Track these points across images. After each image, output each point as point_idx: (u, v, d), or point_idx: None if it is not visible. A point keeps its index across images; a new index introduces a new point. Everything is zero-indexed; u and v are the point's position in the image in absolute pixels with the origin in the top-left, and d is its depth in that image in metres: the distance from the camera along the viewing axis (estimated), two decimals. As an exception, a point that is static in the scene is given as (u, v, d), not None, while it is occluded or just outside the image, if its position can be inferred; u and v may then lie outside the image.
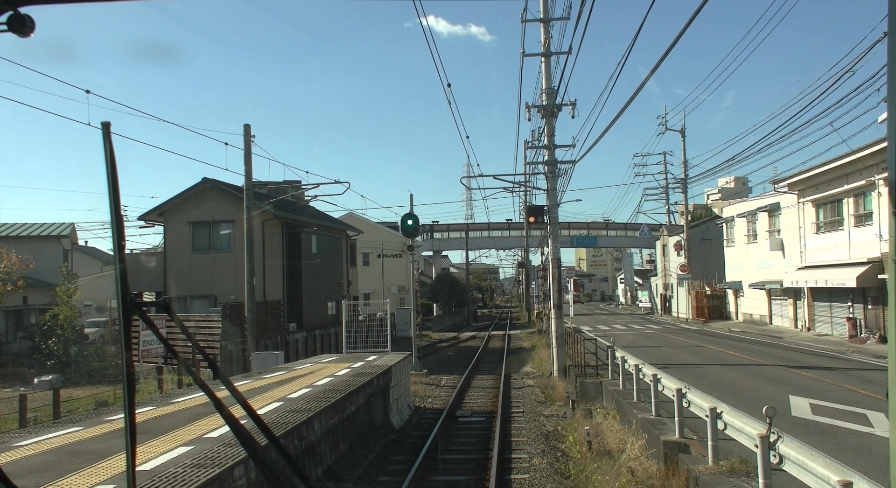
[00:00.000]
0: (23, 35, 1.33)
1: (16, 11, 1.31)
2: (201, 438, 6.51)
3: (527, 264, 68.13)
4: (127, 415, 1.44)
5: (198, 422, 7.46)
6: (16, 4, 1.31)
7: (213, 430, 6.86)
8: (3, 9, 1.31)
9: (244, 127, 21.27)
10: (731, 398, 11.85)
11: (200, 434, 6.74)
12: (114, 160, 1.41)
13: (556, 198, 20.68)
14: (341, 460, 9.74)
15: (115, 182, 1.42)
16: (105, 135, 1.42)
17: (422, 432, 13.16)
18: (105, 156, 1.41)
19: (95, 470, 5.25)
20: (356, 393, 10.17)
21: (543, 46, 19.94)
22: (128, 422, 1.43)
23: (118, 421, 7.57)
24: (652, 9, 10.34)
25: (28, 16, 1.32)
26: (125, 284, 1.43)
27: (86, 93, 13.54)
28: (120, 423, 7.46)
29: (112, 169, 1.41)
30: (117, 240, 1.47)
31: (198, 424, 7.32)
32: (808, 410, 12.19)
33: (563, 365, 20.00)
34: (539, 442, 12.11)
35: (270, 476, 1.61)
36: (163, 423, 7.45)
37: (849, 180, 27.56)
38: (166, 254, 26.85)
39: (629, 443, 11.14)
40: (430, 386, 20.24)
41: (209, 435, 6.65)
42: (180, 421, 7.44)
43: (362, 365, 13.61)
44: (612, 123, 16.45)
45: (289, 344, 25.93)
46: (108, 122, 1.44)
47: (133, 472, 1.45)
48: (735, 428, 7.74)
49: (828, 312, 30.36)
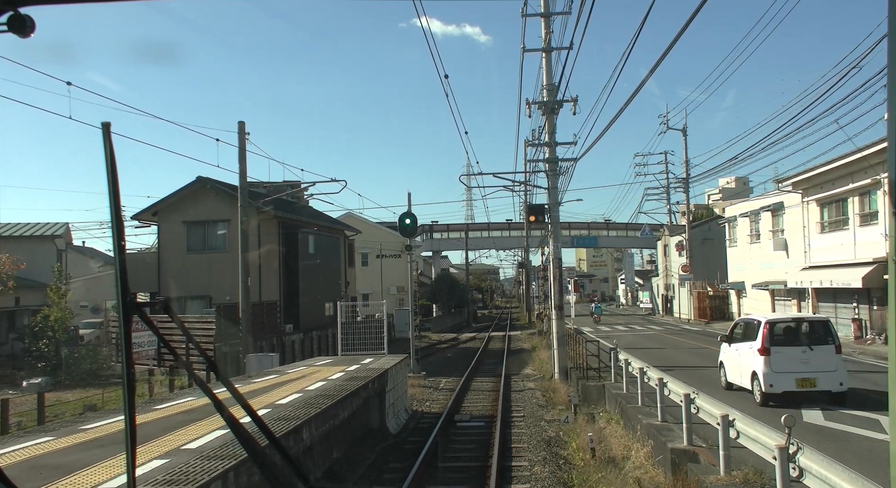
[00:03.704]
0: (23, 35, 1.33)
1: (16, 11, 1.31)
2: (178, 450, 6.07)
3: (527, 264, 67.69)
4: (127, 416, 1.44)
5: (177, 432, 7.02)
6: (16, 4, 1.31)
7: (192, 441, 6.42)
8: (3, 9, 1.31)
9: (238, 124, 20.85)
10: (741, 403, 11.43)
11: (178, 445, 6.30)
12: (114, 160, 1.41)
13: (557, 196, 20.24)
14: (333, 468, 9.30)
15: (116, 182, 1.43)
16: (105, 136, 1.42)
17: (419, 438, 12.71)
18: (105, 156, 1.41)
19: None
20: (349, 399, 9.73)
21: (544, 42, 19.51)
22: (128, 423, 1.43)
23: (93, 430, 7.14)
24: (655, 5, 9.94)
25: (28, 16, 1.32)
26: (125, 284, 1.43)
27: (67, 85, 13.07)
28: (94, 433, 7.04)
29: (112, 169, 1.41)
30: (117, 240, 1.48)
31: (177, 434, 6.88)
32: (820, 416, 11.75)
33: (564, 367, 19.56)
34: (540, 448, 11.66)
35: (270, 476, 1.61)
36: (140, 432, 7.01)
37: (854, 179, 27.12)
38: (161, 255, 26.39)
39: (634, 450, 10.70)
40: (428, 388, 19.79)
41: (188, 446, 6.21)
42: (159, 431, 7.00)
43: (357, 368, 13.17)
44: (613, 120, 16.07)
45: (285, 345, 25.48)
46: (108, 123, 1.44)
47: (133, 473, 1.43)
48: (749, 437, 7.31)
49: (832, 313, 29.87)
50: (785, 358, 13.02)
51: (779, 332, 13.55)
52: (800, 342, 13.29)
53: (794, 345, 13.24)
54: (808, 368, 12.91)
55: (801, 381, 12.84)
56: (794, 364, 12.99)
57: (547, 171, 20.27)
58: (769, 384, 12.94)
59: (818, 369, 12.89)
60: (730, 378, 14.89)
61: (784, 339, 13.42)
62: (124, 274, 1.43)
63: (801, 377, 12.81)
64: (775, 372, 12.94)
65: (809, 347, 13.07)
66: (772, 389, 12.93)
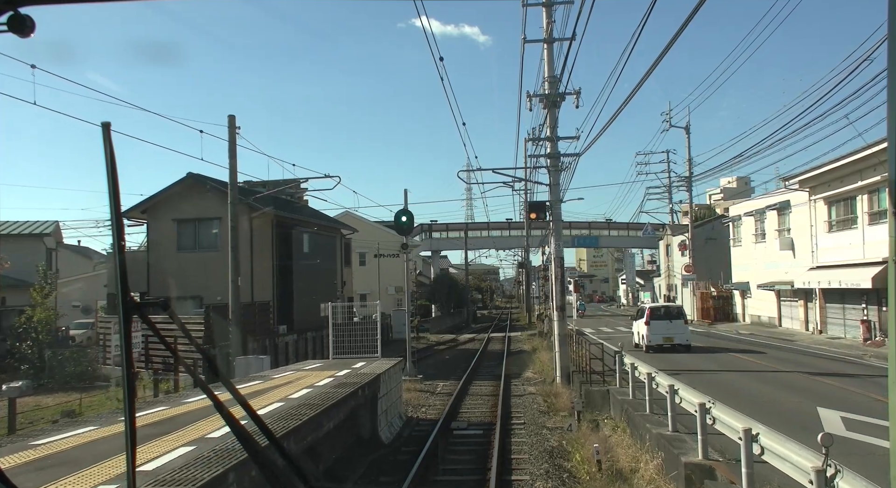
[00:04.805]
0: (23, 35, 1.32)
1: (16, 11, 1.31)
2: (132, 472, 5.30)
3: (527, 264, 66.95)
4: (127, 416, 1.44)
5: (146, 444, 6.30)
6: (16, 4, 1.32)
7: (148, 462, 5.68)
8: (3, 9, 1.31)
9: (228, 117, 20.13)
10: (752, 410, 10.68)
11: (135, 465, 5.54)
12: (114, 160, 1.41)
13: (559, 193, 19.49)
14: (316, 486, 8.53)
15: (115, 182, 1.43)
16: (105, 136, 1.42)
17: (413, 447, 11.96)
18: (105, 156, 1.41)
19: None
20: (336, 408, 8.98)
21: (546, 32, 18.77)
22: (128, 423, 1.43)
23: (42, 447, 6.39)
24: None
25: (28, 16, 1.31)
26: (125, 284, 1.43)
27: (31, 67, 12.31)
28: (43, 451, 6.28)
29: (112, 169, 1.42)
30: (117, 240, 1.50)
31: (142, 448, 6.14)
32: (840, 425, 11.00)
33: (566, 370, 18.82)
34: (542, 459, 10.90)
35: (270, 476, 1.61)
36: (97, 449, 6.27)
37: (863, 176, 26.41)
38: (150, 254, 25.59)
39: (643, 462, 9.95)
40: (424, 393, 19.04)
41: (144, 468, 5.47)
42: (116, 448, 6.25)
43: (347, 373, 12.41)
44: (618, 112, 15.32)
45: (278, 347, 24.72)
46: (108, 123, 1.44)
47: (133, 473, 1.45)
48: (777, 455, 6.56)
49: (840, 314, 29.17)
50: (657, 326, 23.57)
51: (655, 313, 24.21)
52: (666, 318, 23.99)
53: (662, 320, 23.81)
54: (669, 332, 23.45)
55: (666, 339, 23.36)
56: (662, 330, 23.51)
57: (548, 167, 19.52)
58: (649, 341, 23.46)
59: (674, 332, 23.46)
60: (634, 340, 25.25)
61: (657, 316, 24.01)
62: (124, 274, 1.42)
63: (665, 336, 23.43)
64: (652, 334, 23.49)
65: (670, 321, 23.76)
66: (650, 343, 23.43)
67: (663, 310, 24.87)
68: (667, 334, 23.15)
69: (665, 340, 23.05)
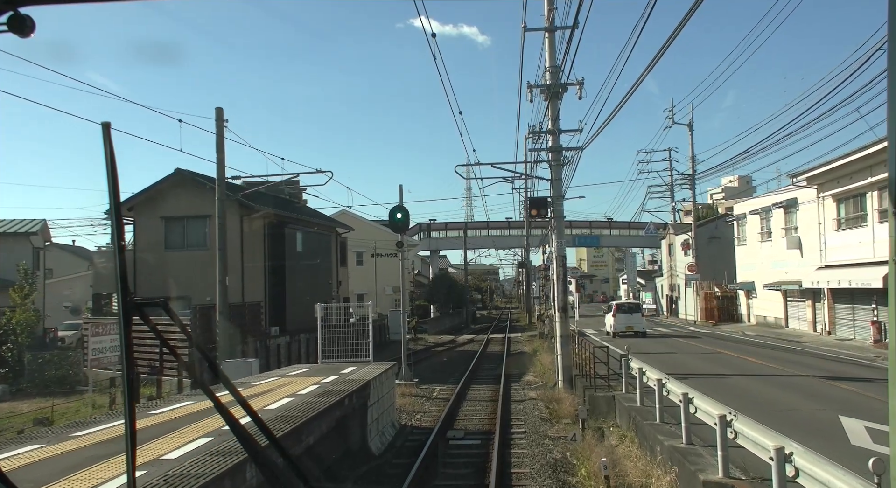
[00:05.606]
0: (23, 35, 1.31)
1: (16, 11, 1.30)
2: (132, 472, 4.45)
3: (527, 264, 66.09)
4: (127, 417, 1.43)
5: (90, 468, 5.46)
6: (16, 4, 1.31)
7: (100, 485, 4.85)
8: (3, 9, 1.30)
9: (216, 110, 19.30)
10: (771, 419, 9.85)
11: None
12: (114, 160, 1.39)
13: (560, 188, 18.65)
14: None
15: (116, 182, 1.41)
16: (105, 136, 1.40)
17: (405, 459, 11.12)
18: (105, 156, 1.39)
19: None
20: (318, 420, 8.15)
21: (547, 20, 17.94)
22: (128, 424, 1.41)
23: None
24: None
25: (28, 16, 1.30)
26: (125, 284, 1.41)
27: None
28: None
29: (112, 169, 1.40)
30: (117, 240, 1.52)
31: (85, 473, 5.32)
32: (866, 437, 10.14)
33: (568, 374, 17.98)
34: (545, 474, 10.06)
35: (270, 476, 1.61)
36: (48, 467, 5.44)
37: (872, 172, 25.60)
38: (136, 252, 24.73)
39: (655, 478, 9.14)
40: (420, 398, 18.18)
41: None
42: (65, 469, 5.43)
43: (335, 379, 11.56)
44: (621, 103, 14.46)
45: (269, 349, 23.88)
46: (108, 122, 1.42)
47: (133, 473, 1.43)
48: (815, 479, 5.72)
49: (849, 315, 28.34)
50: (621, 318, 31.41)
51: (620, 308, 33.08)
52: (628, 311, 32.34)
53: (624, 313, 32.02)
54: (629, 322, 30.99)
55: (627, 328, 30.55)
56: (624, 320, 31.16)
57: (550, 161, 18.68)
58: (615, 329, 31.12)
59: (634, 323, 31.06)
60: (605, 328, 33.00)
61: (621, 310, 32.41)
62: (124, 274, 1.40)
63: (627, 325, 30.79)
64: (617, 324, 31.28)
65: (631, 314, 31.89)
66: (615, 330, 30.90)
67: (626, 305, 34.62)
68: (628, 324, 30.86)
69: (627, 328, 30.47)
